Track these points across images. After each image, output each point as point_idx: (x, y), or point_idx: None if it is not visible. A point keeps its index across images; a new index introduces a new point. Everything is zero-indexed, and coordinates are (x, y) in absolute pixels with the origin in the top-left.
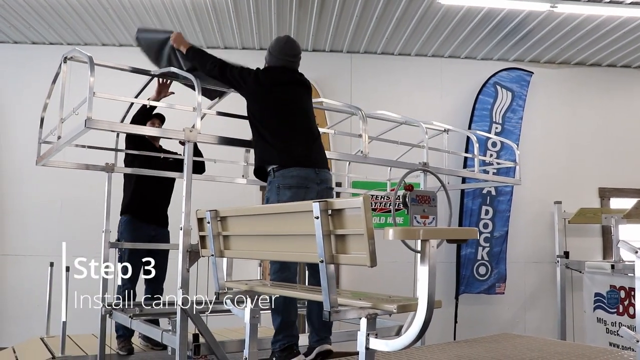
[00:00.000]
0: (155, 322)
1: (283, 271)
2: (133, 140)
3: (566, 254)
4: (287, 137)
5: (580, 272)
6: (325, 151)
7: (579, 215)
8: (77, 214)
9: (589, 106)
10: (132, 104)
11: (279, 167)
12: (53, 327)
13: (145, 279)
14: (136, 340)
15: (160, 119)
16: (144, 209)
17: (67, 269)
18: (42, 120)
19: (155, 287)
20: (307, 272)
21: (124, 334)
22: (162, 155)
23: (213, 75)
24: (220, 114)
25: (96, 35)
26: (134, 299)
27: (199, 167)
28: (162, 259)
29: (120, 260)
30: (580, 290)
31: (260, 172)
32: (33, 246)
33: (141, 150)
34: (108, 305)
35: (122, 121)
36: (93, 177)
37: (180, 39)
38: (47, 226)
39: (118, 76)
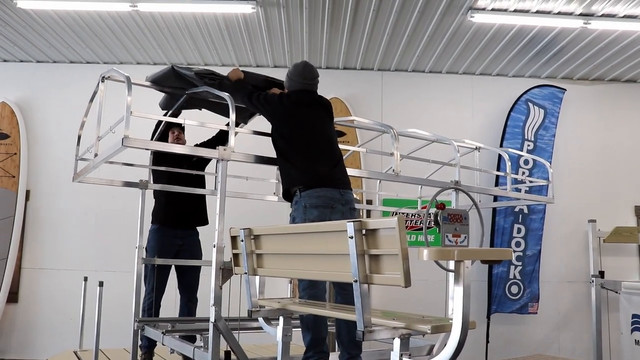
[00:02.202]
0: (192, 338)
1: (312, 288)
2: (156, 155)
3: (601, 274)
4: (310, 158)
5: (617, 292)
6: (357, 169)
7: (614, 234)
8: (110, 229)
9: (624, 123)
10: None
11: (305, 187)
12: (86, 341)
13: (179, 289)
14: (165, 353)
15: (181, 127)
16: (170, 215)
17: (101, 283)
18: (79, 137)
19: (188, 296)
20: (334, 289)
21: (145, 344)
22: (179, 170)
23: (244, 102)
24: (255, 132)
25: (131, 54)
26: (157, 311)
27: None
28: (193, 269)
29: (146, 271)
30: (617, 311)
31: (288, 195)
32: (67, 260)
33: (167, 161)
34: (140, 321)
35: (152, 138)
36: (126, 193)
37: (236, 72)
38: (80, 240)
39: (150, 93)
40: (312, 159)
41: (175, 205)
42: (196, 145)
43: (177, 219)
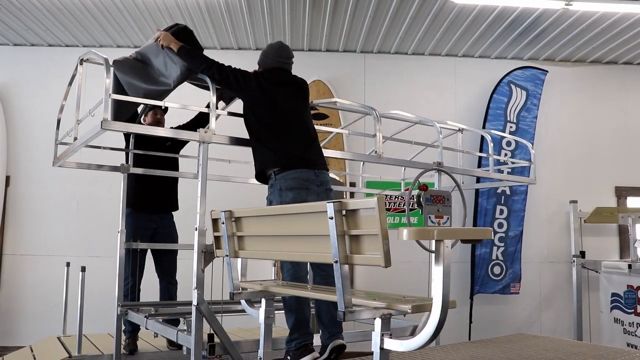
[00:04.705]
0: (176, 321)
1: (295, 270)
2: (128, 138)
3: (582, 254)
4: (285, 138)
5: (597, 272)
6: (339, 151)
7: (595, 214)
8: (93, 214)
9: (605, 104)
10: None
11: (280, 169)
12: (70, 327)
13: (158, 272)
14: (149, 337)
15: (162, 109)
16: (143, 200)
17: (83, 268)
18: (58, 121)
19: (168, 279)
20: (312, 270)
21: (128, 328)
22: (153, 153)
23: (210, 75)
24: (232, 114)
25: (111, 37)
26: (137, 295)
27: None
28: (169, 251)
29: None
30: (597, 290)
31: (262, 176)
32: (49, 246)
33: (138, 143)
34: (123, 306)
35: (137, 121)
36: (108, 177)
37: (168, 38)
38: (63, 226)
39: None
40: (286, 139)
41: (147, 189)
42: (175, 127)
43: (150, 203)
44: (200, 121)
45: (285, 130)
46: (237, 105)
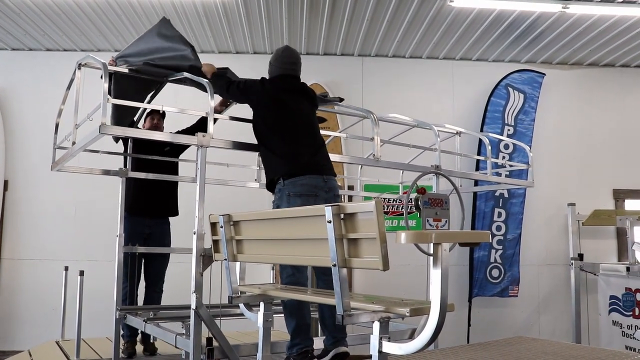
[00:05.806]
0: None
1: (295, 274)
2: (126, 143)
3: (580, 256)
4: (294, 144)
5: (595, 274)
6: (338, 155)
7: (593, 217)
8: (91, 218)
9: (603, 107)
10: (145, 108)
11: (288, 175)
12: (68, 331)
13: (145, 277)
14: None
15: (160, 113)
16: (138, 204)
17: (81, 272)
18: (56, 126)
19: (154, 285)
20: (315, 276)
21: (126, 333)
22: (151, 157)
23: (221, 93)
24: (232, 118)
25: (109, 42)
26: (136, 299)
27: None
28: (160, 257)
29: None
30: (595, 292)
31: (273, 184)
32: (48, 250)
33: (136, 147)
34: (121, 310)
35: (135, 125)
36: (107, 182)
37: (209, 68)
38: (61, 230)
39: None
40: (294, 145)
41: (143, 194)
42: (176, 132)
43: (145, 207)
44: (202, 125)
45: (294, 134)
46: (235, 110)
